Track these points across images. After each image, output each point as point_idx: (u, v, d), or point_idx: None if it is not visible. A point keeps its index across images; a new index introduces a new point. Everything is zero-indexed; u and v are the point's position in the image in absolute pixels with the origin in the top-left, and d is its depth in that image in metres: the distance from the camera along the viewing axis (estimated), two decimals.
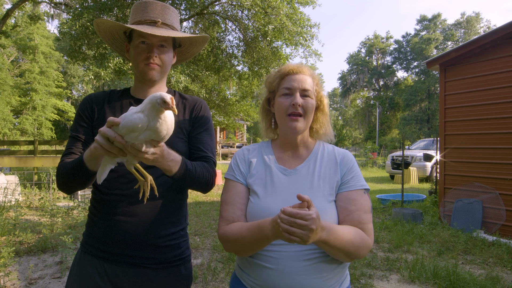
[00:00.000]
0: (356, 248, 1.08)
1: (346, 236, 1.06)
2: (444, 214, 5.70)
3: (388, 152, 27.14)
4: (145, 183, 1.09)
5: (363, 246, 1.10)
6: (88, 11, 7.78)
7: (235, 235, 1.13)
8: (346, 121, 58.63)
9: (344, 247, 1.05)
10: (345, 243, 1.04)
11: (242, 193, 1.23)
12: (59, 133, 36.27)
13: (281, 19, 8.51)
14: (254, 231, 1.07)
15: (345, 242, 1.05)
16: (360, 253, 1.10)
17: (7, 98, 26.78)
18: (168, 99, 0.92)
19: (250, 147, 1.35)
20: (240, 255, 1.22)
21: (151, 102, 0.94)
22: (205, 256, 4.25)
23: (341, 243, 1.04)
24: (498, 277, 3.50)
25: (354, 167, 1.24)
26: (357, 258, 1.12)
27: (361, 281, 3.51)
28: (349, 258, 1.10)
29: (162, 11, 1.32)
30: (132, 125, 0.94)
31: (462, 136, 5.65)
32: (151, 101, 0.94)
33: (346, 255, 1.08)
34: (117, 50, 1.48)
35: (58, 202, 6.98)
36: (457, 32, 44.95)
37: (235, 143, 29.53)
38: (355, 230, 1.11)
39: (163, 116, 0.95)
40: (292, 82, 1.22)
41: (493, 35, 5.25)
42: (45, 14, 18.98)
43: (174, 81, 8.78)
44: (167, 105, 0.92)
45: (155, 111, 0.94)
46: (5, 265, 3.38)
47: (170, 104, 0.92)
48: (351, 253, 1.07)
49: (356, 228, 1.11)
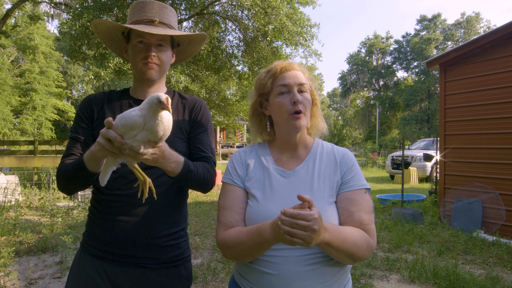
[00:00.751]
0: (360, 249, 1.05)
1: (349, 237, 1.03)
2: (444, 214, 5.70)
3: (388, 152, 27.15)
4: (145, 183, 1.09)
5: (366, 248, 1.07)
6: (88, 11, 7.78)
7: (234, 240, 1.09)
8: (346, 121, 58.61)
9: (348, 248, 1.01)
10: (348, 244, 1.01)
11: (240, 197, 1.19)
12: (59, 133, 36.27)
13: (281, 19, 8.51)
14: (253, 236, 1.03)
15: (349, 243, 1.02)
16: (363, 255, 1.07)
17: (7, 98, 26.78)
18: (163, 99, 0.92)
19: (247, 149, 1.31)
20: (239, 261, 1.18)
21: (148, 102, 0.95)
22: (205, 256, 4.25)
23: (345, 245, 1.01)
24: (498, 277, 3.50)
25: (354, 166, 1.20)
26: (360, 260, 1.08)
27: (361, 281, 3.51)
28: (352, 260, 1.07)
29: (159, 10, 1.32)
30: (130, 122, 0.95)
31: (462, 136, 5.65)
32: (149, 101, 0.95)
33: (349, 257, 1.05)
34: (116, 51, 1.48)
35: (58, 202, 6.98)
36: (457, 32, 44.95)
37: (235, 143, 29.52)
38: (358, 231, 1.07)
39: (159, 116, 0.96)
40: (287, 79, 1.17)
41: (493, 35, 5.25)
42: (45, 14, 19.00)
43: (174, 81, 8.78)
44: (163, 105, 0.93)
45: (152, 111, 0.95)
46: (5, 265, 3.38)
47: (165, 104, 0.93)
48: (354, 255, 1.04)
49: (359, 229, 1.08)
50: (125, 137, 0.97)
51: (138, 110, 0.97)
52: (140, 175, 1.07)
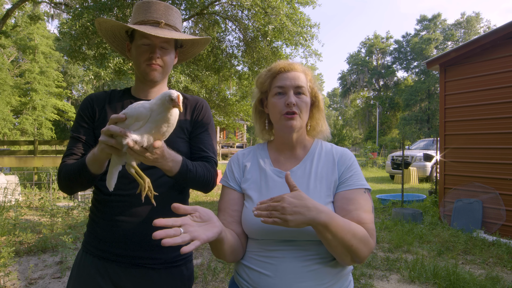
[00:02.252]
0: (359, 241, 1.00)
1: (347, 225, 1.00)
2: (444, 214, 5.70)
3: (388, 152, 27.13)
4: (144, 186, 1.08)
5: (365, 243, 1.02)
6: (88, 11, 7.78)
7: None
8: (346, 121, 58.61)
9: (345, 236, 0.98)
10: (346, 232, 0.98)
11: (235, 199, 1.20)
12: (59, 133, 36.26)
13: (281, 19, 8.51)
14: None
15: (347, 231, 0.98)
16: (362, 250, 1.01)
17: (7, 98, 26.77)
18: (175, 96, 0.94)
19: (245, 150, 1.32)
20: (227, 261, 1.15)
21: (161, 98, 0.97)
22: (205, 256, 4.25)
23: (343, 231, 0.98)
24: (498, 277, 3.50)
25: (353, 165, 1.18)
26: (358, 258, 1.03)
27: (361, 281, 3.51)
28: (350, 254, 1.01)
29: (165, 12, 1.32)
30: (136, 113, 0.97)
31: (462, 136, 5.65)
32: (161, 98, 0.97)
33: (347, 250, 1.00)
34: (117, 49, 1.48)
35: (58, 202, 6.97)
36: (457, 32, 44.94)
37: (235, 143, 29.51)
38: (357, 225, 1.04)
39: (169, 113, 0.97)
40: (284, 81, 1.17)
41: (493, 35, 5.25)
42: (45, 14, 18.98)
43: (174, 81, 8.77)
44: (174, 102, 0.94)
45: (163, 107, 0.96)
46: (5, 265, 3.38)
47: (177, 102, 0.94)
48: (353, 247, 0.99)
49: (358, 225, 1.04)
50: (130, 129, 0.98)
51: (147, 104, 0.99)
52: (140, 178, 1.06)
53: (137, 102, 1.02)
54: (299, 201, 0.96)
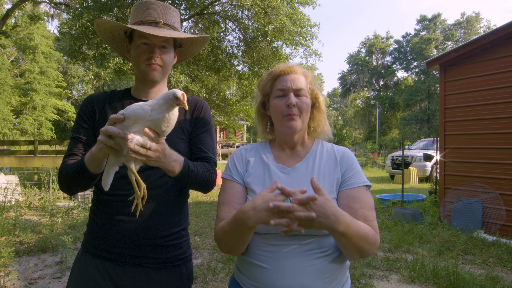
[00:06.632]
0: (370, 245, 1.06)
1: (362, 231, 1.04)
2: (444, 214, 5.71)
3: (388, 152, 27.15)
4: (139, 196, 1.06)
5: (374, 244, 1.08)
6: (88, 11, 7.77)
7: (220, 231, 1.13)
8: (346, 121, 58.64)
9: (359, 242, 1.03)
10: (360, 237, 1.03)
11: (239, 192, 1.21)
12: (59, 133, 36.27)
13: (281, 19, 8.51)
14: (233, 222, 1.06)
15: (361, 236, 1.03)
16: (371, 251, 1.08)
17: (7, 98, 26.78)
18: (179, 95, 0.94)
19: (248, 146, 1.34)
20: (233, 253, 1.18)
21: (164, 97, 0.97)
22: (205, 256, 4.25)
23: (357, 237, 1.02)
24: (498, 277, 3.51)
25: (355, 164, 1.23)
26: (366, 255, 1.09)
27: (361, 281, 3.51)
28: (359, 253, 1.07)
29: (163, 11, 1.32)
30: (135, 115, 0.96)
31: (462, 136, 5.66)
32: (164, 97, 0.97)
33: (359, 251, 1.06)
34: (116, 50, 1.48)
35: (58, 202, 6.98)
36: (457, 32, 44.94)
37: (235, 143, 29.52)
38: (367, 225, 1.09)
39: (169, 113, 0.97)
40: (285, 83, 1.21)
41: (493, 35, 5.25)
42: (45, 14, 18.98)
43: (174, 81, 8.77)
44: (179, 100, 0.95)
45: (166, 106, 0.96)
46: (5, 265, 3.38)
47: (181, 100, 0.94)
48: (364, 249, 1.05)
49: (366, 225, 1.09)
50: (128, 130, 0.97)
51: (146, 105, 0.98)
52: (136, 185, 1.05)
53: (136, 103, 1.01)
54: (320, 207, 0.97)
